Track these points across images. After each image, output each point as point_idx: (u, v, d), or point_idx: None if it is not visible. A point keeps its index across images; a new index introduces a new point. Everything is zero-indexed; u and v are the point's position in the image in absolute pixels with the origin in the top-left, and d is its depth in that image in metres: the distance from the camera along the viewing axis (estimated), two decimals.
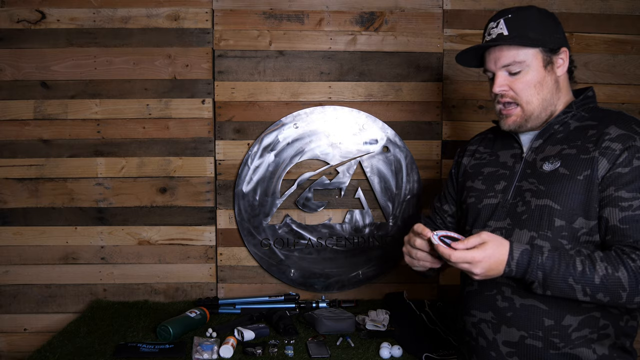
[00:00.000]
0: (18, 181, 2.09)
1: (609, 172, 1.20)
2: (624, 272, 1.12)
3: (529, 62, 1.28)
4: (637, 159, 1.19)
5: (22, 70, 2.06)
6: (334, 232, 2.13)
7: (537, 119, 1.32)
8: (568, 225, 1.23)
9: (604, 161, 1.20)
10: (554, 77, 1.31)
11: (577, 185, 1.22)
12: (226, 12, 2.07)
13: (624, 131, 1.22)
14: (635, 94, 2.15)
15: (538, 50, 1.29)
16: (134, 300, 2.11)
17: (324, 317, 1.79)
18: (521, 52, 1.28)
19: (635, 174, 1.18)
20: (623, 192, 1.18)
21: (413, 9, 2.10)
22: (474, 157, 1.50)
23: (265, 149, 2.09)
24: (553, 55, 1.30)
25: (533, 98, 1.29)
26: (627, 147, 1.19)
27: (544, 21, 1.31)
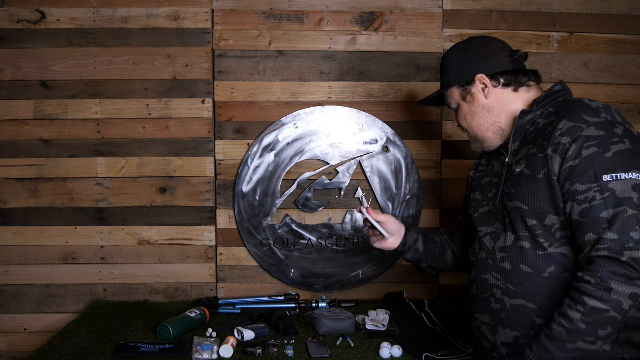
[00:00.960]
0: (18, 181, 2.09)
1: (563, 167, 1.20)
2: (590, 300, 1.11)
3: (456, 99, 1.46)
4: (585, 149, 1.17)
5: (22, 70, 2.06)
6: (334, 232, 2.13)
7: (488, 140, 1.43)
8: (540, 223, 1.24)
9: (557, 157, 1.21)
10: (480, 104, 1.40)
11: (538, 184, 1.23)
12: (226, 12, 2.07)
13: (573, 123, 1.21)
14: (635, 94, 2.15)
15: (455, 88, 1.44)
16: (134, 300, 2.11)
17: (324, 317, 1.79)
18: (447, 94, 1.48)
19: (586, 164, 1.17)
20: (578, 185, 1.17)
21: (413, 9, 2.10)
22: (478, 170, 1.56)
23: (265, 149, 2.09)
24: (469, 86, 1.41)
25: (470, 126, 1.45)
26: (575, 139, 1.19)
27: (454, 60, 1.45)
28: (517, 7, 2.11)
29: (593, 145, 1.17)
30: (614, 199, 1.12)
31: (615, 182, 1.13)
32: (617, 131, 1.18)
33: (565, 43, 2.13)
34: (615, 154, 1.15)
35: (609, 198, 1.13)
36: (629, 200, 1.11)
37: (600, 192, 1.14)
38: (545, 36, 2.12)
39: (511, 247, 1.29)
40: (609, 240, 1.11)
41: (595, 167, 1.15)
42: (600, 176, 1.15)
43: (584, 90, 2.13)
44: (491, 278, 1.32)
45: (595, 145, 1.17)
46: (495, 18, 2.11)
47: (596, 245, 1.13)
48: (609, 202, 1.13)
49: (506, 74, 1.38)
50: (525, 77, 1.39)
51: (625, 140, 1.17)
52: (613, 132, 1.17)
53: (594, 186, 1.15)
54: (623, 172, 1.13)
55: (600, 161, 1.15)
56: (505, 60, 1.38)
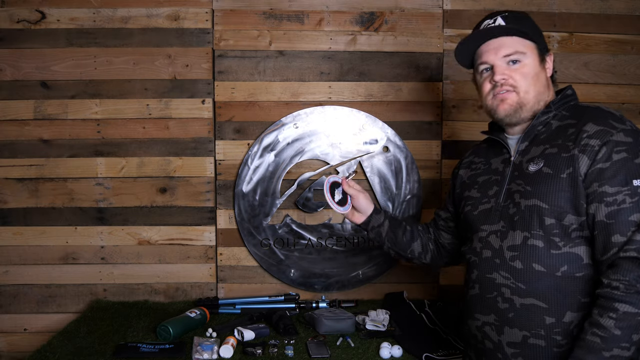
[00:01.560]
0: (18, 181, 2.09)
1: (591, 168, 1.21)
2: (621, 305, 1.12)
3: (529, 54, 1.35)
4: (616, 153, 1.20)
5: (22, 70, 2.06)
6: (334, 232, 2.13)
7: (529, 110, 1.35)
8: (558, 222, 1.24)
9: (585, 158, 1.22)
10: (546, 75, 1.38)
11: (561, 183, 1.24)
12: (226, 12, 2.07)
13: (601, 127, 1.23)
14: (635, 94, 2.15)
15: (535, 46, 1.37)
16: (134, 300, 2.11)
17: (324, 317, 1.79)
18: (522, 43, 1.35)
19: (617, 168, 1.19)
20: (607, 187, 1.19)
21: (413, 9, 2.10)
22: (470, 168, 1.55)
23: (265, 149, 2.09)
24: (546, 53, 1.39)
25: (530, 88, 1.34)
26: (605, 142, 1.21)
27: (535, 26, 1.41)
28: (517, 7, 2.11)
29: (623, 150, 1.19)
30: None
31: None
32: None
33: (565, 43, 2.13)
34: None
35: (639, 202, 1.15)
36: None
37: (631, 195, 1.16)
38: (545, 36, 2.11)
39: (521, 245, 1.29)
40: (636, 241, 1.13)
41: (626, 171, 1.18)
42: (631, 180, 1.17)
43: (584, 90, 2.13)
44: (499, 277, 1.32)
45: (625, 150, 1.19)
46: None
47: (624, 247, 1.14)
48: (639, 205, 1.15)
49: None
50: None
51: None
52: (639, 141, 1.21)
53: (624, 189, 1.17)
54: None
55: (630, 166, 1.18)
56: None
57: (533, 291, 1.26)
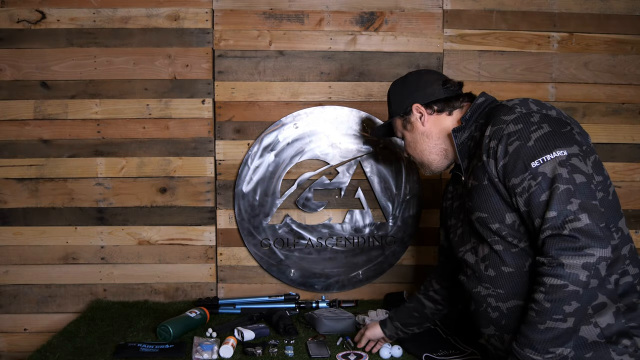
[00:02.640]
0: (18, 181, 2.09)
1: (497, 168, 1.25)
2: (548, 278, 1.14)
3: (399, 129, 1.56)
4: (509, 145, 1.22)
5: (22, 70, 2.06)
6: (334, 232, 2.13)
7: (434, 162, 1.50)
8: (502, 225, 1.28)
9: (491, 161, 1.26)
10: (419, 131, 1.49)
11: (486, 191, 1.29)
12: (226, 12, 2.07)
13: (495, 126, 1.27)
14: (635, 94, 2.15)
15: (397, 119, 1.55)
16: (134, 300, 2.11)
17: (324, 317, 1.79)
18: (394, 125, 1.58)
19: (514, 159, 1.21)
20: (514, 180, 1.21)
21: (413, 9, 2.10)
22: (447, 197, 1.61)
23: (265, 149, 2.09)
24: (407, 116, 1.51)
25: (414, 153, 1.53)
26: (500, 139, 1.24)
27: (395, 93, 1.57)
28: (517, 7, 2.11)
29: (515, 139, 1.22)
30: (547, 181, 1.17)
31: (543, 165, 1.18)
32: (533, 119, 1.23)
33: (565, 43, 2.13)
34: (536, 140, 1.20)
35: (542, 181, 1.17)
36: (559, 177, 1.15)
37: (533, 178, 1.18)
38: (545, 36, 2.12)
39: (489, 254, 1.33)
40: (550, 218, 1.15)
41: (522, 158, 1.20)
42: (529, 164, 1.19)
43: (584, 90, 2.13)
44: (482, 289, 1.35)
45: (517, 138, 1.22)
46: (495, 18, 2.11)
47: (542, 227, 1.16)
48: (543, 185, 1.17)
49: (440, 102, 1.47)
50: (458, 101, 1.47)
51: (542, 125, 1.22)
52: (530, 122, 1.23)
53: (526, 175, 1.19)
54: (547, 153, 1.18)
55: (525, 151, 1.20)
56: (438, 90, 1.47)
57: (512, 292, 1.29)
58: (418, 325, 1.66)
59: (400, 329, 1.64)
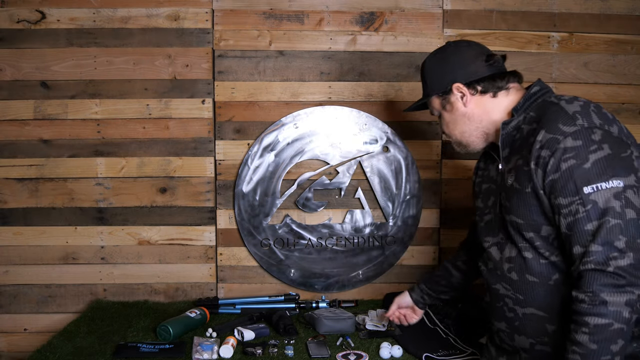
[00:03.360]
0: (18, 181, 2.09)
1: (545, 181, 1.19)
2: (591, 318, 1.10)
3: (437, 108, 1.45)
4: (563, 161, 1.15)
5: (22, 70, 2.06)
6: (334, 232, 2.13)
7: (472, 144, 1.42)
8: (537, 235, 1.24)
9: (539, 171, 1.20)
10: (460, 112, 1.39)
11: (528, 198, 1.23)
12: (226, 12, 2.07)
13: (550, 134, 1.18)
14: (635, 94, 2.15)
15: (434, 98, 1.43)
16: (134, 300, 2.11)
17: (324, 317, 1.79)
18: (430, 102, 1.46)
19: (566, 177, 1.15)
20: (561, 199, 1.16)
21: (413, 9, 2.10)
22: (477, 174, 1.54)
23: (265, 149, 2.09)
24: (447, 95, 1.39)
25: (452, 133, 1.44)
26: (554, 152, 1.17)
27: (432, 69, 1.44)
28: (517, 7, 2.11)
29: (571, 157, 1.15)
30: (597, 211, 1.12)
31: (596, 193, 1.12)
32: (594, 137, 1.15)
33: (565, 43, 2.13)
34: (594, 163, 1.13)
35: (592, 210, 1.12)
36: (611, 209, 1.11)
37: (583, 204, 1.13)
38: (545, 36, 2.12)
39: (515, 257, 1.30)
40: (594, 252, 1.11)
41: (575, 180, 1.14)
42: (581, 188, 1.13)
43: (584, 90, 2.13)
44: (501, 288, 1.33)
45: (573, 156, 1.15)
46: (495, 18, 2.11)
47: (583, 259, 1.12)
48: (592, 214, 1.12)
49: (483, 81, 1.35)
50: (503, 81, 1.35)
51: (603, 145, 1.15)
52: (590, 139, 1.15)
53: (575, 199, 1.14)
54: (603, 181, 1.12)
55: (579, 173, 1.14)
56: (482, 67, 1.36)
57: (531, 301, 1.27)
58: (444, 292, 1.67)
59: (427, 293, 1.68)
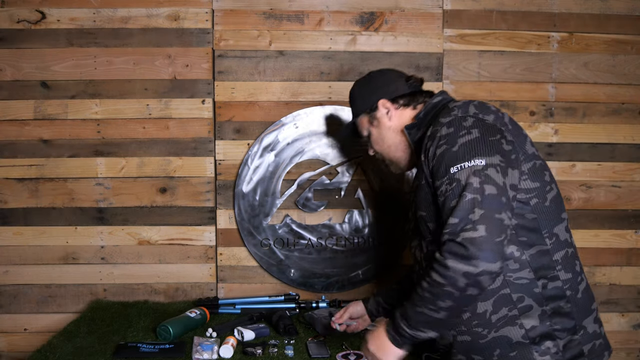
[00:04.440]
0: (18, 181, 2.09)
1: (429, 169, 1.28)
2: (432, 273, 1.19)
3: (365, 127, 1.54)
4: (438, 148, 1.25)
5: (22, 70, 2.06)
6: (334, 232, 2.13)
7: (401, 160, 1.49)
8: (438, 225, 1.29)
9: (426, 161, 1.29)
10: (386, 127, 1.48)
11: (423, 190, 1.31)
12: (226, 12, 2.07)
13: (434, 128, 1.30)
14: (635, 94, 2.15)
15: (362, 117, 1.53)
16: (134, 300, 2.11)
17: (324, 317, 1.79)
18: (359, 124, 1.55)
19: (439, 162, 1.24)
20: (436, 182, 1.25)
21: (413, 9, 2.10)
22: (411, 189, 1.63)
23: (265, 149, 2.09)
24: (373, 112, 1.49)
25: (382, 150, 1.52)
26: (433, 141, 1.27)
27: (359, 92, 1.56)
28: (517, 7, 2.11)
29: (444, 143, 1.24)
30: (459, 188, 1.19)
31: (459, 172, 1.20)
32: (465, 124, 1.25)
33: (565, 43, 2.13)
34: (461, 145, 1.22)
35: (455, 187, 1.20)
36: (469, 185, 1.17)
37: (449, 184, 1.21)
38: (545, 36, 2.12)
39: (427, 253, 1.35)
40: (451, 224, 1.18)
41: (445, 162, 1.23)
42: (448, 169, 1.22)
43: (583, 90, 2.13)
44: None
45: (445, 142, 1.24)
46: (495, 18, 2.11)
47: (443, 230, 1.20)
48: (455, 191, 1.19)
49: (405, 96, 1.47)
50: (421, 97, 1.47)
51: (472, 130, 1.23)
52: (461, 126, 1.25)
53: (444, 180, 1.22)
54: (466, 161, 1.20)
55: (448, 155, 1.22)
56: (402, 85, 1.49)
57: None
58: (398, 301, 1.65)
59: (383, 306, 1.68)
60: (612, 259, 2.17)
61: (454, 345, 1.34)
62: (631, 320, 2.19)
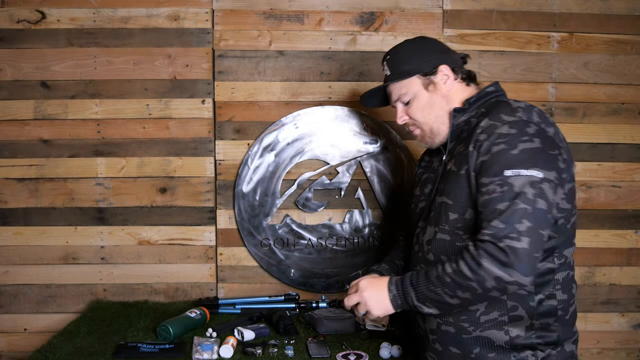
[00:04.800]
0: (18, 181, 2.09)
1: (476, 162, 1.26)
2: (462, 264, 1.19)
3: (413, 90, 1.43)
4: (495, 145, 1.23)
5: (22, 70, 2.06)
6: (334, 232, 2.13)
7: (442, 133, 1.43)
8: (461, 217, 1.29)
9: (475, 153, 1.26)
10: (441, 94, 1.42)
11: (460, 180, 1.29)
12: (226, 12, 2.07)
13: (492, 121, 1.27)
14: (635, 94, 2.15)
15: (415, 78, 1.43)
16: (134, 300, 2.11)
17: (324, 317, 1.79)
18: (402, 85, 1.44)
19: (493, 160, 1.22)
20: (484, 179, 1.23)
21: (413, 9, 2.10)
22: (420, 165, 1.62)
23: (265, 149, 2.09)
24: (431, 76, 1.42)
25: (427, 119, 1.43)
26: (489, 136, 1.24)
27: (415, 50, 1.47)
28: (517, 7, 2.11)
29: (503, 142, 1.22)
30: (511, 193, 1.18)
31: (514, 177, 1.18)
32: (528, 130, 1.23)
33: (565, 43, 2.13)
34: (522, 151, 1.20)
35: (507, 191, 1.18)
36: (523, 194, 1.17)
37: (501, 185, 1.19)
38: (545, 36, 2.12)
39: (433, 239, 1.36)
40: (495, 227, 1.17)
41: (500, 162, 1.21)
42: (503, 170, 1.20)
43: (584, 90, 2.13)
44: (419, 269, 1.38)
45: (505, 142, 1.22)
46: (495, 18, 2.11)
47: (483, 230, 1.19)
48: (506, 195, 1.18)
49: (463, 71, 1.45)
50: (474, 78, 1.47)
51: (535, 139, 1.22)
52: (524, 131, 1.22)
53: (495, 179, 1.20)
54: (524, 168, 1.18)
55: (505, 157, 1.21)
56: (458, 58, 1.48)
57: None
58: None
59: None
60: (612, 259, 2.17)
61: (435, 332, 1.35)
62: (631, 320, 2.19)
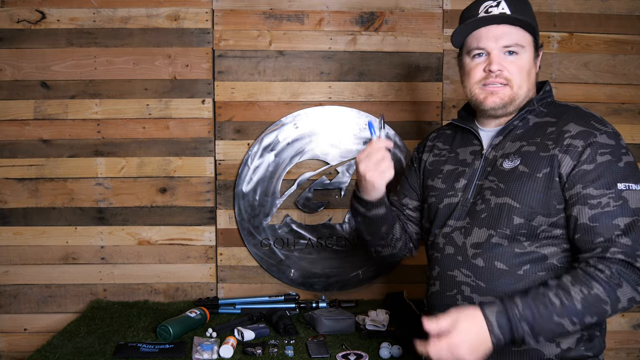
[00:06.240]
0: (18, 181, 2.09)
1: (574, 169, 1.19)
2: (598, 287, 1.11)
3: (527, 48, 1.30)
4: (600, 155, 1.19)
5: (22, 70, 2.06)
6: (334, 232, 2.13)
7: (516, 106, 1.32)
8: (527, 222, 1.23)
9: (567, 158, 1.20)
10: (535, 70, 1.34)
11: (536, 183, 1.22)
12: (226, 12, 2.07)
13: (583, 128, 1.23)
14: (635, 94, 2.15)
15: (532, 40, 1.31)
16: (134, 300, 2.11)
17: (324, 317, 1.79)
18: (523, 36, 1.29)
19: (601, 170, 1.18)
20: (591, 190, 1.17)
21: (413, 9, 2.10)
22: (433, 153, 1.49)
23: (265, 149, 2.09)
24: (539, 50, 1.35)
25: (523, 83, 1.30)
26: (589, 144, 1.20)
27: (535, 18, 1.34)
28: None
29: (607, 153, 1.19)
30: (628, 208, 1.15)
31: (628, 192, 1.16)
32: (622, 143, 1.23)
33: (565, 43, 2.13)
34: (626, 164, 1.19)
35: (623, 206, 1.15)
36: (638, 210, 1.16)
37: (614, 199, 1.16)
38: (545, 36, 2.12)
39: (484, 243, 1.26)
40: (624, 245, 1.13)
41: (611, 175, 1.18)
42: (615, 184, 1.17)
43: (584, 90, 2.13)
44: (460, 275, 1.29)
45: (609, 153, 1.19)
46: None
47: (610, 248, 1.14)
48: (624, 210, 1.15)
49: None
50: None
51: (629, 153, 1.22)
52: (620, 144, 1.22)
53: (608, 192, 1.17)
54: (634, 182, 1.17)
55: (615, 169, 1.18)
56: None
57: (492, 289, 1.25)
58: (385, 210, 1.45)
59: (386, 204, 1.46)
60: None
61: None
62: (631, 320, 2.19)
